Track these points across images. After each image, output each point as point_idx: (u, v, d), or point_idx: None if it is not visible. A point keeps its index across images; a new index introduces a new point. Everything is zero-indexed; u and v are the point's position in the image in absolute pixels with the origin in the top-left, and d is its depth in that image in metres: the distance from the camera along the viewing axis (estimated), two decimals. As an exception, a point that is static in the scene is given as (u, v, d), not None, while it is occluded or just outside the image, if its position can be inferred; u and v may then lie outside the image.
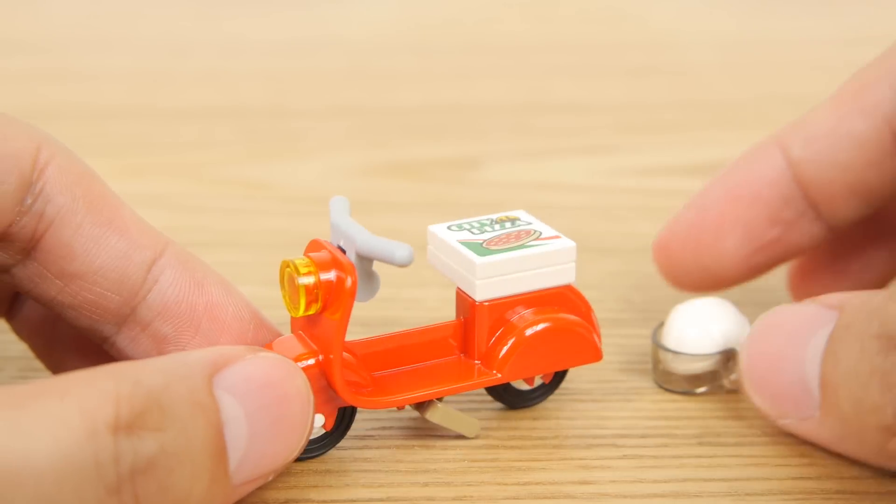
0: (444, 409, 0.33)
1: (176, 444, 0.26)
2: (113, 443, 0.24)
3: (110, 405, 0.25)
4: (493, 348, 0.33)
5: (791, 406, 0.32)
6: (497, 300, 0.33)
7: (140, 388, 0.25)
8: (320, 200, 0.52)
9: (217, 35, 0.78)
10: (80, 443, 0.24)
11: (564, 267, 0.33)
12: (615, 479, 0.32)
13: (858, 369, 0.29)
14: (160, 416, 0.25)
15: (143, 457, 0.25)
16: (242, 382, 0.28)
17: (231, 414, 0.27)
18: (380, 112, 0.63)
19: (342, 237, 0.31)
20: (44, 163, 0.29)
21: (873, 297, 0.30)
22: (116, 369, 0.26)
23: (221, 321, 0.31)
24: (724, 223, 0.37)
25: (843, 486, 0.31)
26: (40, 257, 0.30)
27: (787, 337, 0.32)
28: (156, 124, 0.61)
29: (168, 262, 0.31)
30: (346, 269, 0.30)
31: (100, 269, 0.30)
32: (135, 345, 0.31)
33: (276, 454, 0.28)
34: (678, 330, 0.35)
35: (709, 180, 0.39)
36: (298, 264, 0.30)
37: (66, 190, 0.30)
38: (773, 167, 0.37)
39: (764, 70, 0.72)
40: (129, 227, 0.30)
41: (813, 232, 0.37)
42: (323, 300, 0.30)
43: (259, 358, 0.28)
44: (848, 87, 0.37)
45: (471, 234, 0.33)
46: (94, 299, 0.30)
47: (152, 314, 0.31)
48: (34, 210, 0.29)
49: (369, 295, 0.31)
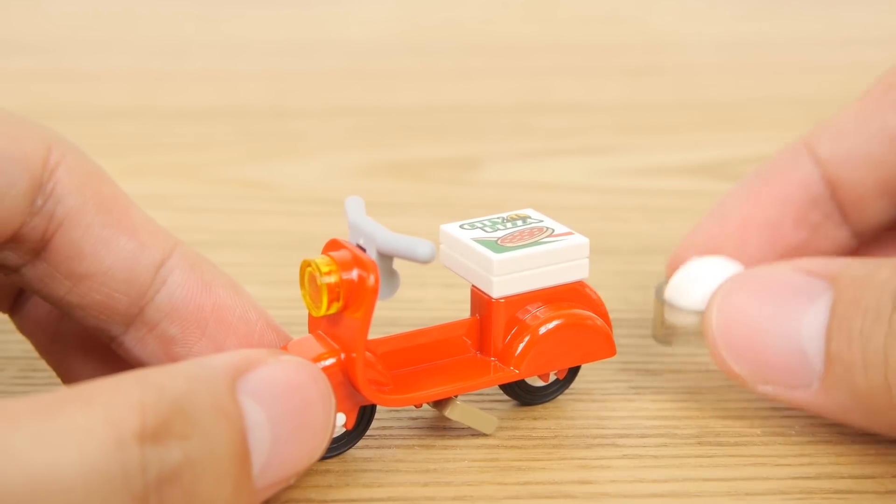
0: (462, 406, 0.33)
1: (201, 451, 0.25)
2: (139, 452, 0.24)
3: (136, 414, 0.24)
4: (510, 345, 0.33)
5: (779, 375, 0.31)
6: (513, 297, 0.33)
7: (165, 395, 0.25)
8: (320, 201, 0.52)
9: (217, 35, 0.78)
10: (107, 453, 0.24)
11: (579, 263, 0.34)
12: (615, 479, 0.32)
13: (887, 346, 0.29)
14: (185, 424, 0.25)
15: (169, 466, 0.25)
16: (266, 387, 0.28)
17: (254, 419, 0.27)
18: (380, 112, 0.63)
19: (362, 236, 0.31)
20: (54, 163, 0.29)
21: (878, 270, 0.30)
22: (141, 376, 0.26)
23: (228, 323, 0.31)
24: (749, 227, 0.36)
25: (843, 486, 0.31)
26: (50, 258, 0.30)
27: (774, 306, 0.31)
28: (156, 124, 0.61)
29: (176, 264, 0.31)
30: (368, 268, 0.30)
31: (108, 269, 0.30)
32: (142, 345, 0.31)
33: (298, 458, 0.28)
34: (675, 282, 0.35)
35: (729, 189, 0.38)
36: (320, 263, 0.30)
37: (76, 191, 0.30)
38: (799, 167, 0.36)
39: (764, 70, 0.72)
40: (138, 228, 0.30)
41: (838, 238, 0.36)
42: (345, 299, 0.30)
43: (282, 362, 0.28)
44: (877, 87, 0.36)
45: (484, 233, 0.34)
46: (103, 300, 0.30)
47: (160, 315, 0.31)
48: (45, 211, 0.29)
49: (391, 293, 0.31)
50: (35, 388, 0.36)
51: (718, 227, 0.37)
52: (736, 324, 0.32)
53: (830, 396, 0.31)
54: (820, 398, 0.31)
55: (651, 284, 0.43)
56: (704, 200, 0.52)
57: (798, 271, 0.31)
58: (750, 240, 0.36)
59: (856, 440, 0.33)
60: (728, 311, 0.32)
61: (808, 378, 0.31)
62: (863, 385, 0.30)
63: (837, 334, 0.30)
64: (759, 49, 0.76)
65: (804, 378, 0.31)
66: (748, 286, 0.32)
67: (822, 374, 0.31)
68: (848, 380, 0.30)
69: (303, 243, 0.47)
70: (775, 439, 0.33)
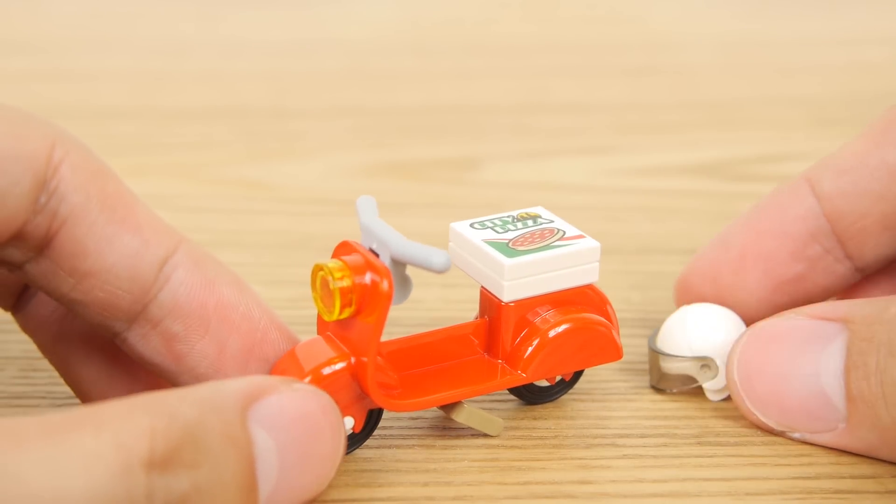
0: (469, 409, 0.33)
1: (208, 480, 0.25)
2: (146, 480, 0.24)
3: (145, 440, 0.24)
4: (518, 348, 0.33)
5: (805, 420, 0.32)
6: (523, 300, 0.33)
7: (175, 422, 0.25)
8: (320, 201, 0.52)
9: (217, 35, 0.78)
10: (113, 479, 0.24)
11: (589, 267, 0.34)
12: (615, 479, 0.32)
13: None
14: (194, 452, 0.25)
15: (175, 495, 0.25)
16: (276, 415, 0.28)
17: (263, 447, 0.27)
18: (380, 112, 0.63)
19: (375, 240, 0.31)
20: (58, 161, 0.29)
21: (888, 307, 0.31)
22: (153, 401, 0.26)
23: (231, 321, 0.31)
24: (746, 258, 0.36)
25: (843, 486, 0.31)
26: (53, 255, 0.30)
27: (790, 352, 0.32)
28: (156, 124, 0.61)
29: (180, 261, 0.31)
30: (382, 273, 0.30)
31: (112, 267, 0.30)
32: (145, 342, 0.31)
33: (305, 486, 0.28)
34: (665, 330, 0.36)
35: (736, 219, 0.38)
36: (333, 268, 0.30)
37: (79, 188, 0.30)
38: (800, 201, 0.36)
39: (764, 70, 0.72)
40: (142, 226, 0.30)
41: (839, 272, 0.36)
42: (357, 304, 0.30)
43: (293, 390, 0.28)
44: (878, 123, 0.36)
45: (494, 233, 0.33)
46: (106, 297, 0.30)
47: (163, 312, 0.31)
48: (48, 209, 0.29)
49: (403, 298, 0.31)
50: (35, 387, 0.36)
51: (719, 256, 0.37)
52: (756, 374, 0.33)
53: (856, 435, 0.31)
54: (846, 438, 0.32)
55: (651, 284, 0.43)
56: (704, 200, 0.52)
57: (809, 317, 0.32)
58: (747, 270, 0.36)
59: (856, 440, 0.33)
60: (747, 364, 0.33)
61: (833, 420, 0.32)
62: (886, 420, 0.30)
63: (855, 372, 0.31)
64: (759, 49, 0.76)
65: (829, 421, 0.32)
66: (763, 337, 0.33)
67: (845, 415, 0.31)
68: (871, 416, 0.31)
69: (303, 243, 0.47)
70: (775, 439, 0.33)
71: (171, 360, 0.31)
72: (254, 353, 0.31)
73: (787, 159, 0.57)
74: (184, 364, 0.31)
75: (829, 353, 0.31)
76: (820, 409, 0.32)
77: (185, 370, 0.31)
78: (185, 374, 0.31)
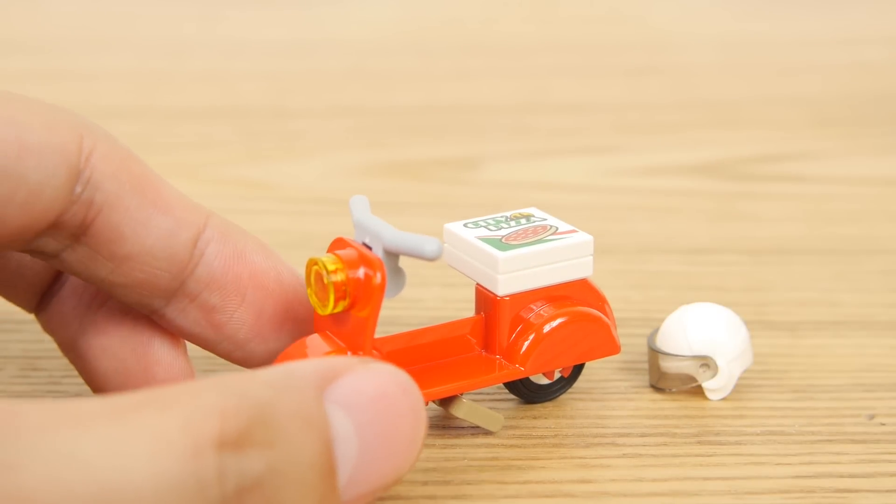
0: (469, 404, 0.33)
1: (284, 461, 0.24)
2: (217, 461, 0.23)
3: (214, 420, 0.23)
4: (515, 342, 0.33)
5: None
6: (518, 294, 0.33)
7: (246, 401, 0.24)
8: (320, 200, 0.52)
9: (217, 35, 0.78)
10: (181, 461, 0.23)
11: (583, 261, 0.34)
12: (615, 478, 0.32)
13: None
14: (268, 432, 0.24)
15: (249, 475, 0.24)
16: (353, 395, 0.27)
17: (341, 429, 0.26)
18: (380, 112, 0.63)
19: (368, 234, 0.31)
20: (88, 150, 0.30)
21: None
22: (221, 381, 0.25)
23: (265, 287, 0.32)
24: None
25: (843, 486, 0.31)
26: (91, 242, 0.30)
27: None
28: (156, 124, 0.61)
29: (211, 235, 0.32)
30: (375, 266, 0.30)
31: (150, 249, 0.30)
32: (183, 315, 0.32)
33: (386, 471, 0.27)
34: (665, 330, 0.36)
35: None
36: (326, 262, 0.30)
37: (112, 176, 0.30)
38: None
39: (764, 70, 0.72)
40: (172, 206, 0.31)
41: None
42: (351, 297, 0.30)
43: (371, 370, 0.27)
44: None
45: (488, 231, 0.34)
46: (145, 278, 0.31)
47: (200, 286, 0.31)
48: (83, 198, 0.30)
49: (397, 291, 0.31)
50: (34, 387, 0.36)
51: None
52: None
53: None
54: None
55: (651, 284, 0.43)
56: (704, 200, 0.52)
57: None
58: None
59: (855, 440, 0.33)
60: None
61: None
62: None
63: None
64: (760, 49, 0.76)
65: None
66: None
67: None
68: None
69: (303, 243, 0.47)
70: (775, 439, 0.33)
71: (211, 331, 0.32)
72: (289, 314, 0.32)
73: (788, 159, 0.57)
74: (223, 332, 0.32)
75: None
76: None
77: (225, 338, 0.32)
78: (224, 341, 0.32)
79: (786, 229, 0.49)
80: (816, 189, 0.53)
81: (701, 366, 0.35)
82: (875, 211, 0.51)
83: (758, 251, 0.46)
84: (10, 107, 0.29)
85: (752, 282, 0.44)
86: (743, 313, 0.36)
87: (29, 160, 0.29)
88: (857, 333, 0.40)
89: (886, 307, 0.42)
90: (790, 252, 0.46)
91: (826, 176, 0.55)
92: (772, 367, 0.37)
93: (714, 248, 0.47)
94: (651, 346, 0.36)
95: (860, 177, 0.55)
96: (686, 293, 0.42)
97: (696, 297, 0.38)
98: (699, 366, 0.35)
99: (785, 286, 0.43)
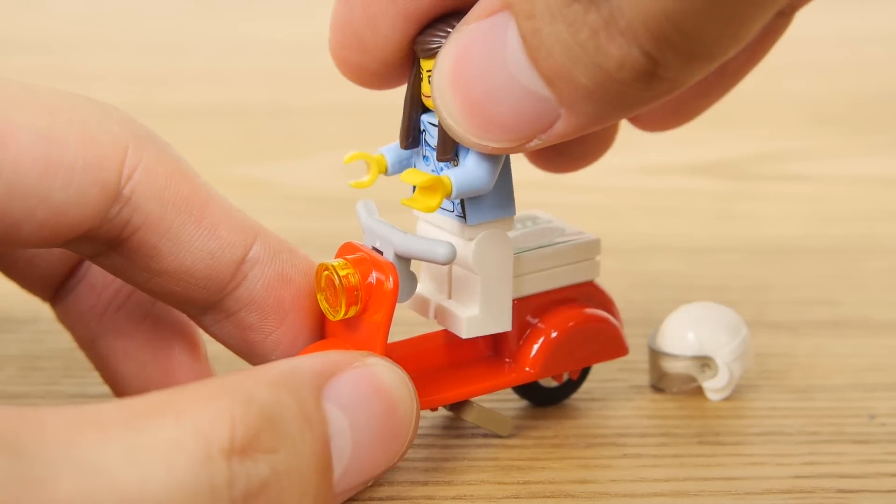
0: (479, 408, 0.33)
1: (287, 463, 0.25)
2: (227, 467, 0.24)
3: (225, 427, 0.24)
4: (524, 346, 0.33)
5: (531, 124, 0.27)
6: (527, 297, 0.33)
7: (253, 406, 0.25)
8: (320, 199, 0.52)
9: (217, 35, 0.78)
10: (194, 468, 0.24)
11: (590, 262, 0.34)
12: (615, 479, 0.32)
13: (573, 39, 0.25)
14: (273, 437, 0.25)
15: (256, 480, 0.24)
16: (350, 393, 0.27)
17: (337, 426, 0.27)
18: (379, 111, 0.63)
19: (378, 238, 0.31)
20: (131, 168, 0.29)
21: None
22: (230, 385, 0.25)
23: (306, 310, 0.31)
24: None
25: (843, 486, 0.31)
26: (126, 253, 0.30)
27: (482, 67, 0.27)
28: (156, 124, 0.60)
29: (258, 256, 0.31)
30: (386, 270, 0.30)
31: (189, 269, 0.30)
32: (218, 327, 0.31)
33: (378, 462, 0.28)
34: (664, 330, 0.36)
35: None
36: (338, 267, 0.30)
37: (154, 196, 0.29)
38: None
39: (763, 70, 0.71)
40: (217, 226, 0.30)
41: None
42: (363, 302, 0.30)
43: (367, 366, 0.28)
44: None
45: None
46: (181, 291, 0.30)
47: (239, 305, 0.31)
48: (120, 217, 0.29)
49: (408, 294, 0.31)
50: (34, 387, 0.36)
51: None
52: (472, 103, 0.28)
53: (578, 113, 0.27)
54: (572, 121, 0.27)
55: (652, 283, 0.43)
56: (704, 200, 0.52)
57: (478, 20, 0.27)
58: None
59: (856, 440, 0.33)
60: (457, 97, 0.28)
61: (553, 109, 0.27)
62: (587, 83, 0.26)
63: (536, 53, 0.26)
64: (760, 48, 0.76)
65: (550, 112, 0.27)
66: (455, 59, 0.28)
67: (556, 100, 0.27)
68: (574, 88, 0.26)
69: (302, 241, 0.46)
70: (775, 439, 0.33)
71: (244, 346, 0.31)
72: None
73: (788, 158, 0.57)
74: (255, 350, 0.31)
75: (510, 46, 0.27)
76: (537, 106, 0.27)
77: (256, 354, 0.31)
78: (256, 357, 0.31)
79: (786, 229, 0.49)
80: (816, 188, 0.53)
81: (702, 366, 0.35)
82: (875, 211, 0.51)
83: (758, 251, 0.46)
84: (52, 118, 0.28)
85: (752, 282, 0.43)
86: (743, 313, 0.36)
87: (55, 179, 0.27)
88: (857, 333, 0.40)
89: (886, 307, 0.42)
90: (790, 252, 0.46)
91: (826, 175, 0.55)
92: (772, 367, 0.37)
93: (714, 248, 0.47)
94: (652, 346, 0.36)
95: (860, 176, 0.55)
96: (686, 293, 0.42)
97: (696, 297, 0.38)
98: (700, 366, 0.35)
99: (785, 286, 0.43)
